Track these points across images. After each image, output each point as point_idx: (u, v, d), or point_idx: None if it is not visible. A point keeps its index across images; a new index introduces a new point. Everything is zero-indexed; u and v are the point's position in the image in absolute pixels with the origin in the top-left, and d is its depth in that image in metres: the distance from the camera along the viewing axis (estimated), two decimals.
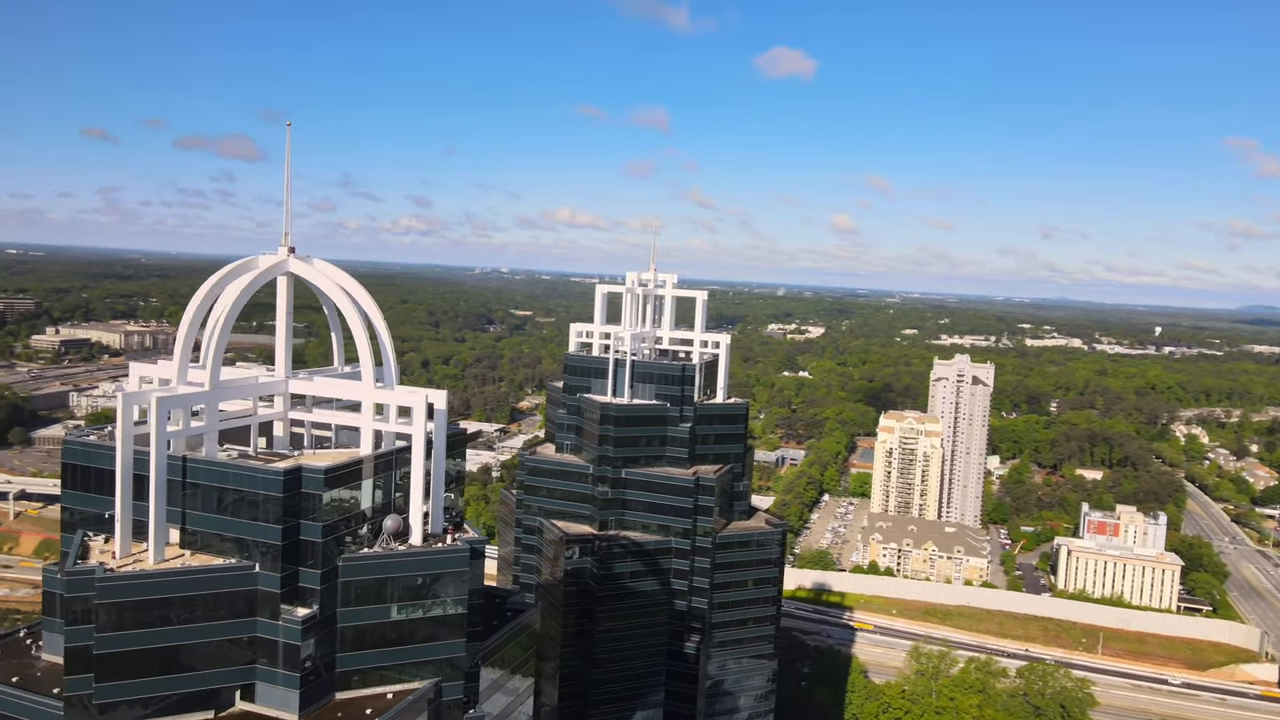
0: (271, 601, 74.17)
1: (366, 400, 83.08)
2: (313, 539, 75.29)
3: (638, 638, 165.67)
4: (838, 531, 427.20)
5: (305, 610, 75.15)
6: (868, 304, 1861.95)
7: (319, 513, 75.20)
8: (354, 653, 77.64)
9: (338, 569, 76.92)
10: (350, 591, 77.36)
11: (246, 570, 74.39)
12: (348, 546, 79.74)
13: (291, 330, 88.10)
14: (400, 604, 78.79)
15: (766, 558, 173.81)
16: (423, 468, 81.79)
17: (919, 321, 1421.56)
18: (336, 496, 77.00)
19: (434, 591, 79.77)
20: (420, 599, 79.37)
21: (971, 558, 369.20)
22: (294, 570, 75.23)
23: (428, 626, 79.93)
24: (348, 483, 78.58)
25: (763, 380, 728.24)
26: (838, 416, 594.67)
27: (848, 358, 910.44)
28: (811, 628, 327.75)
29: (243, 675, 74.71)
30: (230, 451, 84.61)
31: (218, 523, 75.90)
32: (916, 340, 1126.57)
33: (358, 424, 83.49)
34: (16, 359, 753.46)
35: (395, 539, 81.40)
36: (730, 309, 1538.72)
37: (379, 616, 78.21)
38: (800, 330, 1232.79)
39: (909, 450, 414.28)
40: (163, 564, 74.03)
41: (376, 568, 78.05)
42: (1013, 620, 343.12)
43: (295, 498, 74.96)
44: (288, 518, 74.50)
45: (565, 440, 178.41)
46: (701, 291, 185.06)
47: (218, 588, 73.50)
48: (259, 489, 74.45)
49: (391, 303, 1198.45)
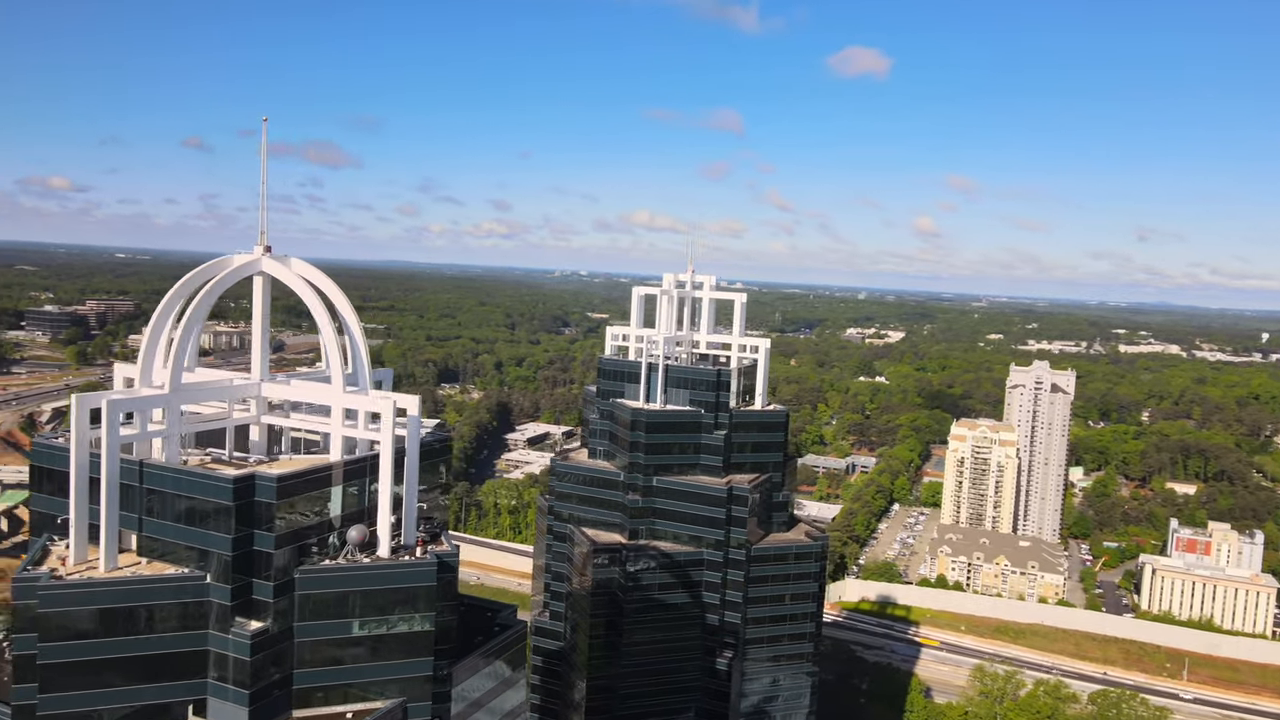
0: (223, 614, 71.40)
1: (335, 405, 79.85)
2: (266, 550, 72.28)
3: (667, 652, 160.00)
4: (906, 542, 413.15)
5: (257, 624, 72.17)
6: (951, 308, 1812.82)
7: (272, 523, 72.14)
8: (313, 669, 74.36)
9: (294, 581, 73.71)
10: (308, 605, 74.08)
11: (197, 581, 71.80)
12: (312, 557, 76.59)
13: (268, 331, 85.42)
14: (362, 619, 75.25)
15: (805, 572, 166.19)
16: (391, 476, 78.06)
17: (1005, 326, 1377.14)
18: (293, 505, 73.86)
19: (398, 606, 75.98)
20: (384, 614, 75.70)
21: (1046, 574, 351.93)
22: (247, 582, 72.34)
23: (392, 643, 76.20)
24: (308, 491, 75.41)
25: (836, 385, 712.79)
26: (912, 423, 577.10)
27: (927, 363, 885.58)
28: (874, 642, 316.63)
29: (195, 690, 72.14)
30: (202, 456, 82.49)
31: (172, 530, 73.55)
32: (1001, 346, 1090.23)
33: (327, 429, 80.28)
34: (114, 358, 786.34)
35: (361, 550, 77.85)
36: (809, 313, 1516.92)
37: (339, 632, 74.77)
38: (879, 334, 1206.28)
39: (982, 460, 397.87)
40: (114, 572, 72.00)
41: (336, 581, 74.63)
42: (1090, 641, 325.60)
43: (248, 506, 72.07)
44: (239, 527, 71.66)
45: (598, 446, 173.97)
46: (740, 294, 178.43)
47: (167, 598, 71.08)
48: (209, 496, 71.79)
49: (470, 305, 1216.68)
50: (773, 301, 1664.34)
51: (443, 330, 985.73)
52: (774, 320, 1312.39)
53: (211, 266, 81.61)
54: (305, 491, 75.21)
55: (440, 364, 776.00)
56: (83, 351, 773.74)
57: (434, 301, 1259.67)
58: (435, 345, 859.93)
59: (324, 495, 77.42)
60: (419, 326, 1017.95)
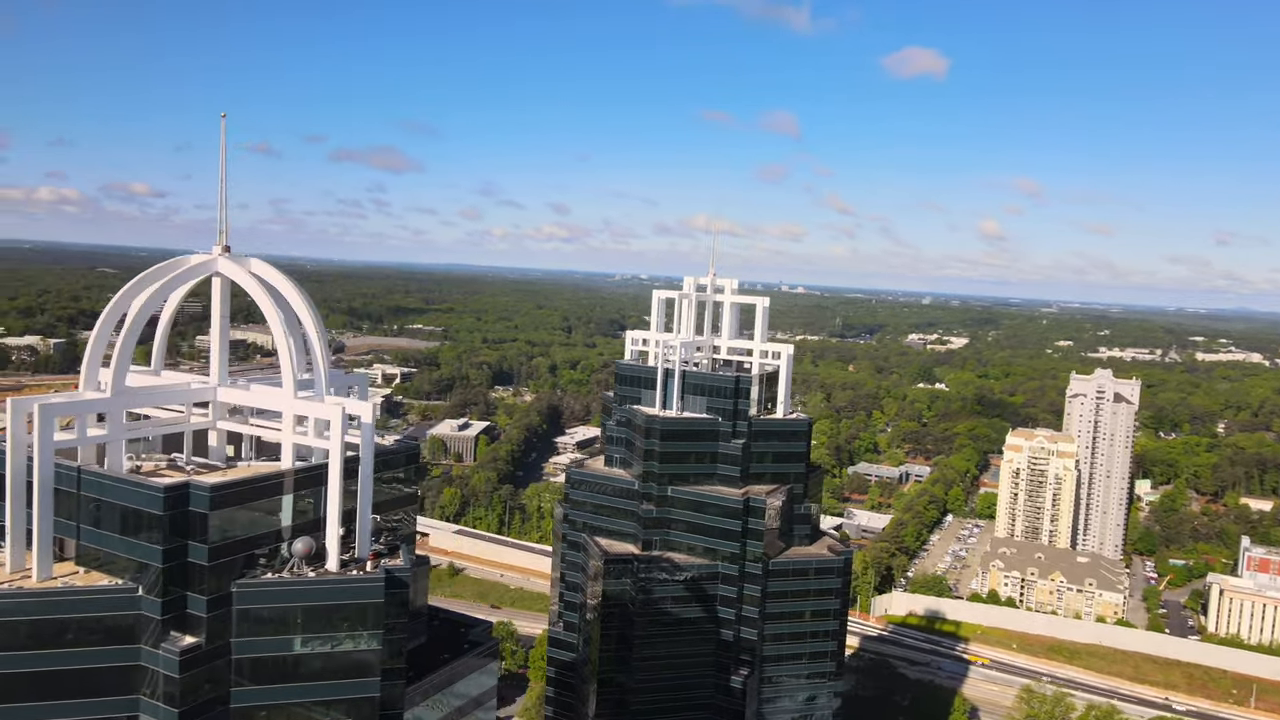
0: (153, 628, 68.53)
1: (286, 411, 76.66)
2: (199, 562, 69.28)
3: (680, 667, 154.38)
4: (958, 555, 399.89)
5: (190, 639, 69.19)
6: (1019, 314, 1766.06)
7: (206, 534, 69.09)
8: (251, 687, 71.02)
9: (231, 595, 70.54)
10: (246, 620, 70.80)
11: (129, 593, 69.10)
12: (259, 569, 73.45)
13: (228, 333, 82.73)
14: (305, 636, 71.69)
15: (826, 587, 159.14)
16: (339, 487, 74.53)
17: (1075, 333, 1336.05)
18: (233, 516, 70.76)
19: (343, 623, 72.29)
20: (328, 631, 72.05)
21: (1105, 592, 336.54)
22: (180, 595, 69.42)
23: (337, 661, 72.51)
24: (250, 500, 72.28)
25: (894, 392, 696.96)
26: (970, 432, 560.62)
27: (989, 370, 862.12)
28: (920, 658, 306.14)
29: (127, 707, 69.35)
30: (158, 462, 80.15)
31: (107, 539, 71.05)
32: (1070, 353, 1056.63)
33: (279, 436, 77.17)
34: (182, 358, 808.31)
35: (307, 563, 74.43)
36: (870, 318, 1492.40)
37: (280, 649, 71.32)
38: (942, 340, 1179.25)
39: (1038, 471, 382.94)
40: (47, 582, 69.75)
41: (275, 595, 71.23)
42: (1151, 664, 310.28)
43: (181, 516, 69.14)
44: (172, 537, 68.77)
45: (614, 453, 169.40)
46: (762, 298, 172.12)
47: (96, 611, 68.45)
48: (141, 505, 69.05)
49: (527, 308, 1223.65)
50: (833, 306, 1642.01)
51: (499, 333, 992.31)
52: (834, 325, 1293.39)
53: (166, 266, 79.27)
54: (246, 501, 72.09)
55: (495, 366, 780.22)
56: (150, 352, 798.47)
57: (492, 304, 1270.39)
58: (491, 348, 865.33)
59: (272, 505, 74.26)
60: (476, 329, 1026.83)
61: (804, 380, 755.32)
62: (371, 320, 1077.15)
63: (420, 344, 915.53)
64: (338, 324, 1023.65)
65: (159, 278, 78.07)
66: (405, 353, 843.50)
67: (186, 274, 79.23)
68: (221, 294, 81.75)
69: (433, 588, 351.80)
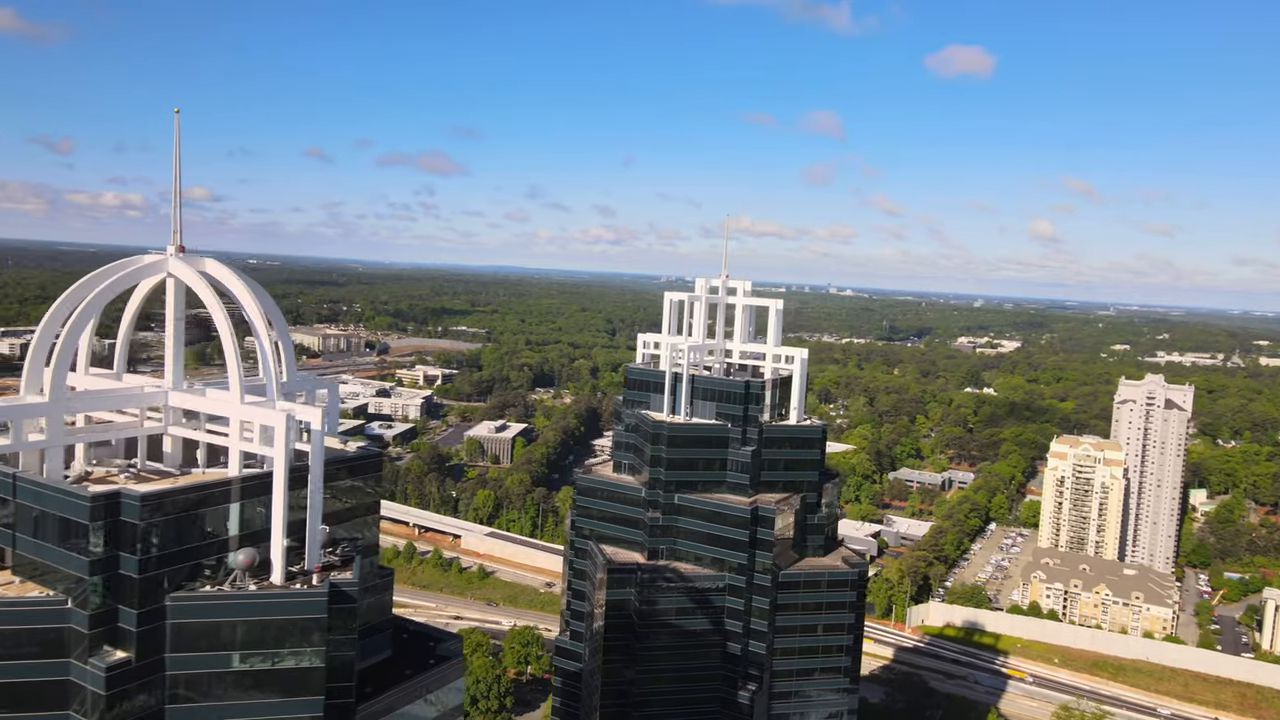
0: (82, 642, 66.03)
1: (233, 417, 73.89)
2: (129, 573, 66.65)
3: (685, 681, 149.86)
4: (1000, 565, 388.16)
5: (121, 654, 66.58)
6: (1075, 317, 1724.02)
7: (136, 544, 66.42)
8: (186, 705, 68.26)
9: (165, 609, 67.83)
10: (181, 635, 68.06)
11: (58, 605, 66.73)
12: (202, 581, 70.72)
13: (183, 335, 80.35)
14: (244, 652, 68.71)
15: (839, 601, 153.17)
16: (284, 496, 71.48)
17: (1133, 336, 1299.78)
18: (165, 526, 68.02)
19: (285, 639, 69.17)
20: (268, 647, 68.99)
21: (1153, 606, 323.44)
22: (111, 608, 66.87)
23: (278, 680, 69.42)
24: (188, 509, 69.52)
25: (939, 397, 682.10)
26: (1017, 438, 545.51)
27: (1040, 374, 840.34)
28: (956, 671, 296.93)
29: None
30: (108, 469, 77.94)
31: (41, 549, 68.82)
32: (1127, 357, 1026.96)
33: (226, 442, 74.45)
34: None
35: (251, 576, 71.50)
36: (919, 320, 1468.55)
37: (217, 665, 68.44)
38: (992, 344, 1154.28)
39: (1084, 480, 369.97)
40: None
41: (211, 609, 68.41)
42: (1201, 682, 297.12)
43: (113, 526, 66.60)
44: (103, 548, 66.24)
45: (623, 459, 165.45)
46: (776, 300, 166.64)
47: (25, 623, 66.10)
48: (70, 514, 66.63)
49: (571, 310, 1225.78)
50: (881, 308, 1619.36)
51: (542, 335, 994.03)
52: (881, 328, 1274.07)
53: (115, 267, 77.14)
54: (181, 511, 69.33)
55: (536, 368, 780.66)
56: (202, 352, 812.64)
57: (537, 306, 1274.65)
58: (533, 350, 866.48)
59: (215, 514, 71.48)
60: (519, 330, 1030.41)
61: (847, 383, 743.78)
62: (416, 322, 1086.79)
63: (463, 345, 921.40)
64: (383, 325, 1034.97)
65: (108, 278, 75.85)
66: (448, 354, 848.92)
67: (135, 274, 77.00)
68: (175, 295, 79.29)
69: (462, 590, 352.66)
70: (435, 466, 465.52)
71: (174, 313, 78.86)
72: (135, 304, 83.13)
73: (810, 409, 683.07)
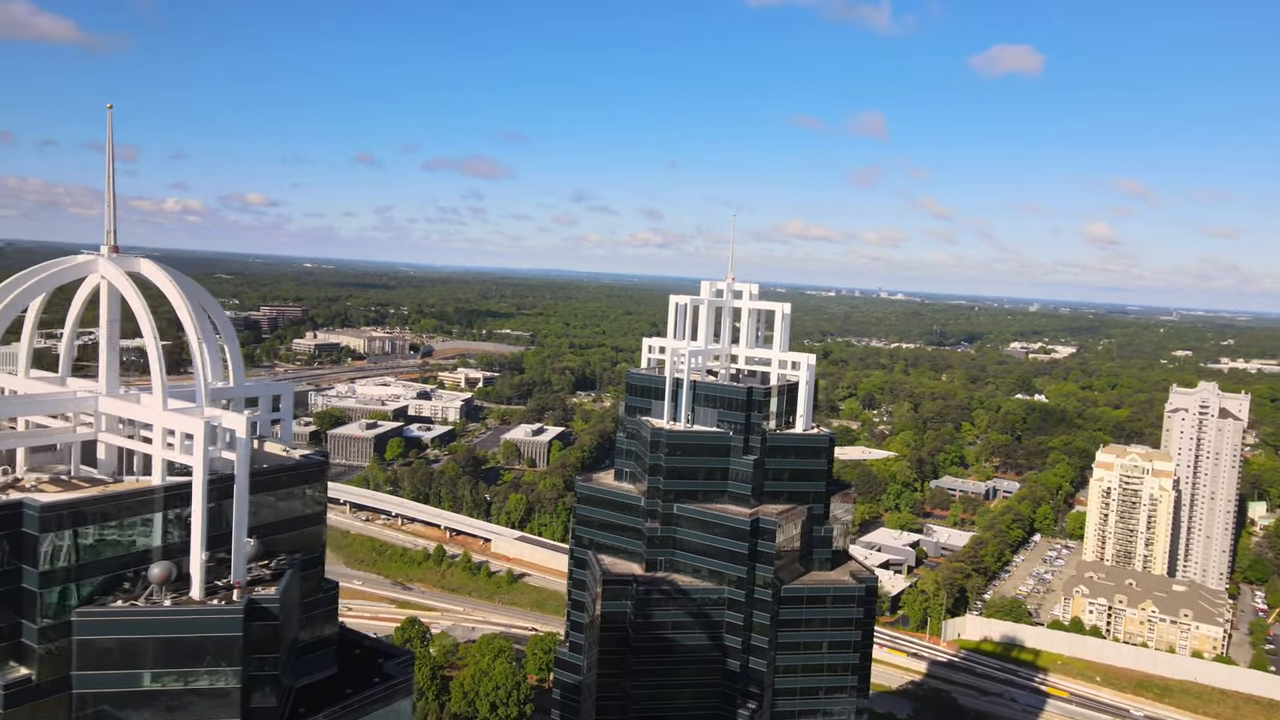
0: None
1: (156, 423, 70.90)
2: (30, 587, 63.87)
3: (681, 697, 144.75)
4: (1042, 578, 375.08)
5: (23, 671, 63.84)
6: (1135, 322, 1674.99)
7: (37, 557, 63.61)
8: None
9: (71, 624, 64.94)
10: (89, 652, 65.17)
11: None
12: (120, 595, 67.79)
13: (117, 338, 77.76)
14: (155, 671, 65.57)
15: (845, 617, 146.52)
16: (203, 506, 68.25)
17: (1196, 342, 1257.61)
18: (71, 537, 65.16)
19: (200, 659, 65.88)
20: (182, 666, 65.78)
21: (1202, 624, 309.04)
22: (14, 623, 64.17)
23: (192, 700, 66.23)
24: (93, 521, 66.56)
25: (986, 403, 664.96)
26: (1066, 446, 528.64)
27: (1095, 381, 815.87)
28: (991, 688, 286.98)
29: None
30: (39, 475, 75.51)
31: None
32: (1188, 363, 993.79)
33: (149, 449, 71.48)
34: (279, 360, 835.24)
35: (170, 590, 68.35)
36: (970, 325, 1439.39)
37: (127, 684, 65.42)
38: (1046, 349, 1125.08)
39: (1131, 491, 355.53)
40: None
41: (120, 626, 65.39)
42: (1253, 705, 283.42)
43: (14, 537, 63.90)
44: (7, 560, 63.54)
45: (624, 467, 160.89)
46: (783, 304, 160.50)
47: None
48: None
49: (616, 314, 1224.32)
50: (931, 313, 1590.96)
51: (586, 338, 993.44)
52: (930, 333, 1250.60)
53: (44, 266, 74.85)
54: (89, 522, 66.43)
55: (577, 371, 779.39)
56: (251, 354, 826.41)
57: (582, 310, 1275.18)
58: (576, 353, 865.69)
59: (132, 525, 68.50)
60: (563, 334, 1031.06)
61: (892, 389, 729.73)
62: (461, 325, 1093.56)
63: (507, 348, 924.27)
64: (428, 328, 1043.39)
65: (30, 279, 73.52)
66: (491, 357, 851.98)
67: (60, 275, 74.60)
68: (109, 296, 76.67)
69: (490, 595, 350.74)
70: (470, 469, 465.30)
71: (107, 314, 76.19)
72: (77, 307, 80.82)
73: (853, 414, 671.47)
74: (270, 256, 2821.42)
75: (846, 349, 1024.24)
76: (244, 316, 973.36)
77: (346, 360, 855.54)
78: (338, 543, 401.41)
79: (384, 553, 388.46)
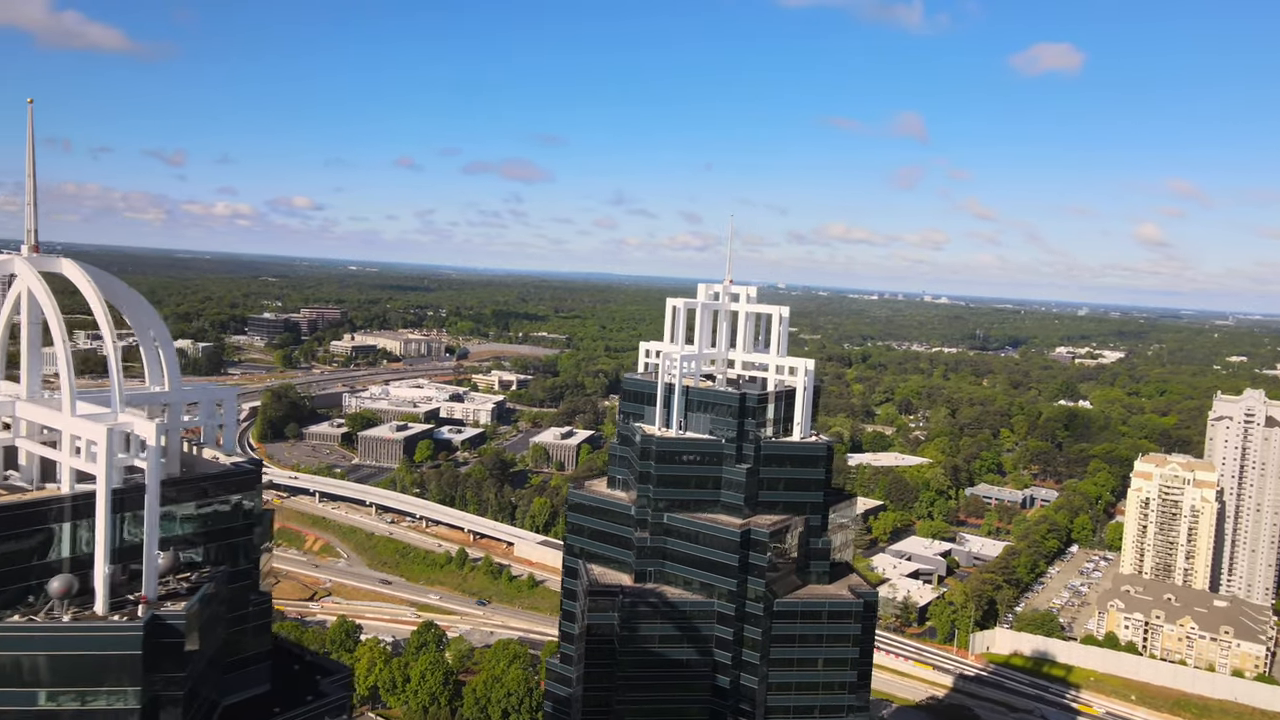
0: None
1: (65, 430, 68.09)
2: None
3: (668, 714, 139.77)
4: (1077, 591, 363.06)
5: None
6: (1188, 327, 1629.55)
7: None
8: None
9: None
10: None
11: None
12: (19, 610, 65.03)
13: (39, 341, 75.20)
14: (51, 690, 62.67)
15: (843, 633, 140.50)
16: (107, 517, 65.22)
17: (1251, 348, 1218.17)
18: None
19: (99, 678, 62.82)
20: (78, 685, 62.77)
21: (1244, 642, 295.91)
22: None
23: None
24: None
25: (1026, 409, 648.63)
26: (1108, 454, 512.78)
27: (1142, 387, 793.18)
28: (1020, 704, 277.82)
29: None
30: None
31: None
32: (1242, 369, 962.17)
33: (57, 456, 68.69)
34: (316, 361, 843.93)
35: (71, 605, 65.39)
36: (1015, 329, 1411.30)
37: (20, 703, 62.70)
38: (1093, 354, 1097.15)
39: (1171, 502, 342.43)
40: None
41: (13, 642, 62.52)
42: None
43: None
44: None
45: (617, 474, 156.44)
46: (782, 307, 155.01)
47: None
48: None
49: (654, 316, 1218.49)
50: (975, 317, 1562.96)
51: (621, 341, 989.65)
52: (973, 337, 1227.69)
53: None
54: None
55: (611, 375, 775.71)
56: (289, 355, 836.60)
57: (620, 313, 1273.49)
58: (610, 356, 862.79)
59: (32, 536, 65.75)
60: (600, 337, 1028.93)
61: (929, 394, 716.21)
62: (498, 327, 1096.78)
63: (543, 351, 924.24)
64: (465, 330, 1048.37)
65: None
66: (526, 359, 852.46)
67: None
68: (30, 298, 74.16)
69: (510, 599, 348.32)
70: (497, 472, 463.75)
71: (28, 316, 73.70)
72: (6, 310, 78.44)
73: (888, 419, 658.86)
74: (317, 260, 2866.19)
75: (886, 353, 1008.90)
76: (284, 319, 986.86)
77: (383, 362, 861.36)
78: (362, 544, 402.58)
79: (407, 555, 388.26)
